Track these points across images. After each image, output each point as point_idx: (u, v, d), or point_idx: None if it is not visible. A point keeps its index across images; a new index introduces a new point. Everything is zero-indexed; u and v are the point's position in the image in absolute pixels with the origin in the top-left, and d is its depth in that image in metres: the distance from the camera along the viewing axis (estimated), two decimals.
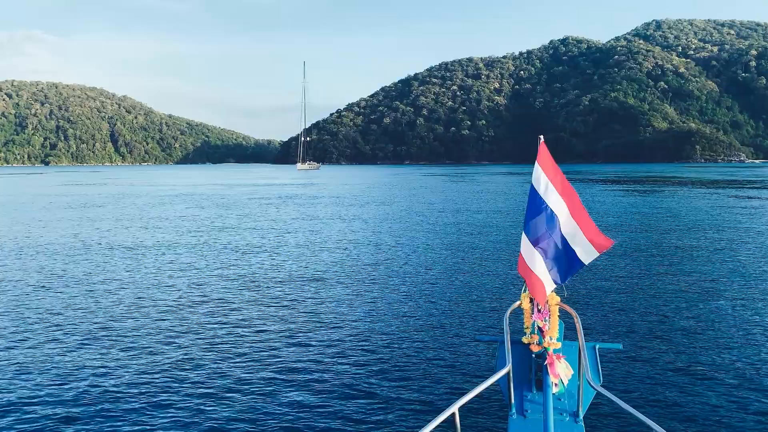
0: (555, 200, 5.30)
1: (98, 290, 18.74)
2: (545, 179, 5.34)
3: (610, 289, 18.16)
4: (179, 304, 16.85)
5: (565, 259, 5.29)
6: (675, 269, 21.36)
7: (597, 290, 17.94)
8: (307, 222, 39.74)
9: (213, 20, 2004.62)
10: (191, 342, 13.31)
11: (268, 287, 19.17)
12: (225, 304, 16.85)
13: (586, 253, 5.27)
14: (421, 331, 14.03)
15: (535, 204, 5.33)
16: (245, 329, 14.32)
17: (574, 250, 5.26)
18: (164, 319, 15.22)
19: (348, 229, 35.42)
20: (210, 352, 12.60)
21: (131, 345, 13.07)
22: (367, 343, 13.09)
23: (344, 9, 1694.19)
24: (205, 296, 17.89)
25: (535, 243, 5.28)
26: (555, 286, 5.30)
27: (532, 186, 5.41)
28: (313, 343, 13.20)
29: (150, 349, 12.78)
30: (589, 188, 78.53)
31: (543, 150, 5.41)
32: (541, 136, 5.61)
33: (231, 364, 11.81)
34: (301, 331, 14.08)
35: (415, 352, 12.50)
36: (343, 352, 12.57)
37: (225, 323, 14.84)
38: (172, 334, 13.96)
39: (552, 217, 5.28)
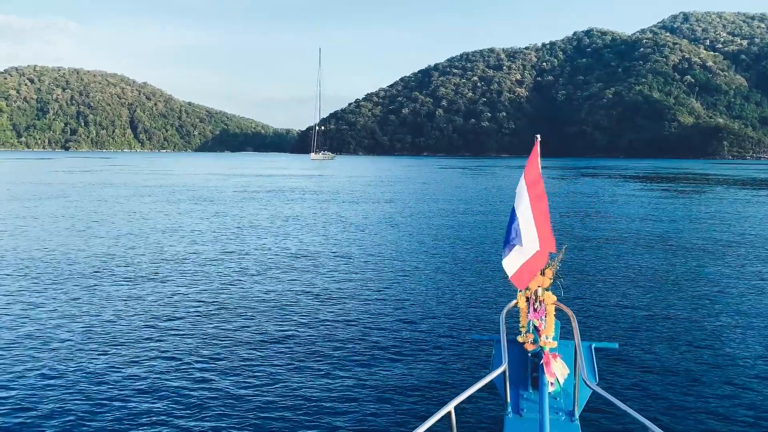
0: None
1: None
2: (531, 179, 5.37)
3: (607, 288, 17.71)
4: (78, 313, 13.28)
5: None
6: (673, 269, 20.70)
7: (593, 290, 17.50)
8: (287, 221, 35.97)
9: (231, 10, 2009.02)
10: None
11: (256, 290, 15.60)
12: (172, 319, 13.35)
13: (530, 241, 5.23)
14: (417, 329, 13.61)
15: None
16: (233, 334, 13.23)
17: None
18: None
19: (335, 227, 31.81)
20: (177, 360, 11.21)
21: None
22: (361, 342, 12.65)
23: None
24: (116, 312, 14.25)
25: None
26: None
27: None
28: (304, 341, 12.69)
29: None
30: (592, 183, 73.80)
31: (536, 150, 5.49)
32: (538, 135, 5.71)
33: (215, 372, 10.96)
34: (291, 329, 13.49)
35: (411, 350, 12.17)
36: (336, 350, 12.12)
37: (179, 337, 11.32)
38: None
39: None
